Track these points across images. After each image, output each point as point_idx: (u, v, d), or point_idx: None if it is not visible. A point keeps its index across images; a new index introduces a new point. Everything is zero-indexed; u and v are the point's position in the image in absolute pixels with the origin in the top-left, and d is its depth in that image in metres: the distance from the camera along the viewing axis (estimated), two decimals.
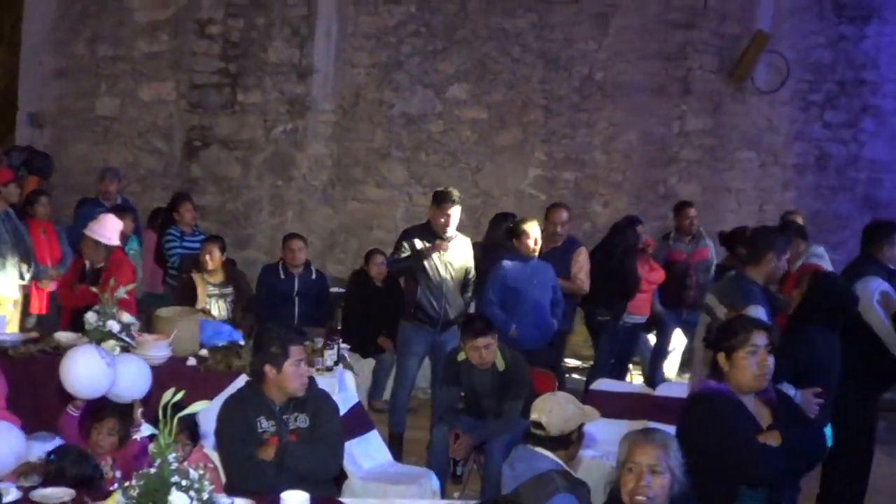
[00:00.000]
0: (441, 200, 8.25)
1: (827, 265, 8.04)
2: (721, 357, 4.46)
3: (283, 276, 9.36)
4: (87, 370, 5.16)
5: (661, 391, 7.72)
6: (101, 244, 7.84)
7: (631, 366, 10.68)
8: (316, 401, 5.37)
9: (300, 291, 9.30)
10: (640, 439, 3.99)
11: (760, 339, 4.43)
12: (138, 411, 5.16)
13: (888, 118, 12.27)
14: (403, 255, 8.23)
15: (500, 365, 7.05)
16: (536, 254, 8.42)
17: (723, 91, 12.02)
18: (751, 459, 4.30)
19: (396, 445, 8.27)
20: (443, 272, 8.26)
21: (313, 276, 9.39)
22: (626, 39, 11.81)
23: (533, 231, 8.40)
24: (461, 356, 7.12)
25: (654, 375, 10.02)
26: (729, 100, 12.03)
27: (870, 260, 7.04)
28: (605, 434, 6.90)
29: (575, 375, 10.78)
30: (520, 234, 8.45)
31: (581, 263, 9.29)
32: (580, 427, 4.94)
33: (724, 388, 4.43)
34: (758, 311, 5.72)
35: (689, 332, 9.46)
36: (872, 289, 6.67)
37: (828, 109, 12.26)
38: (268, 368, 5.21)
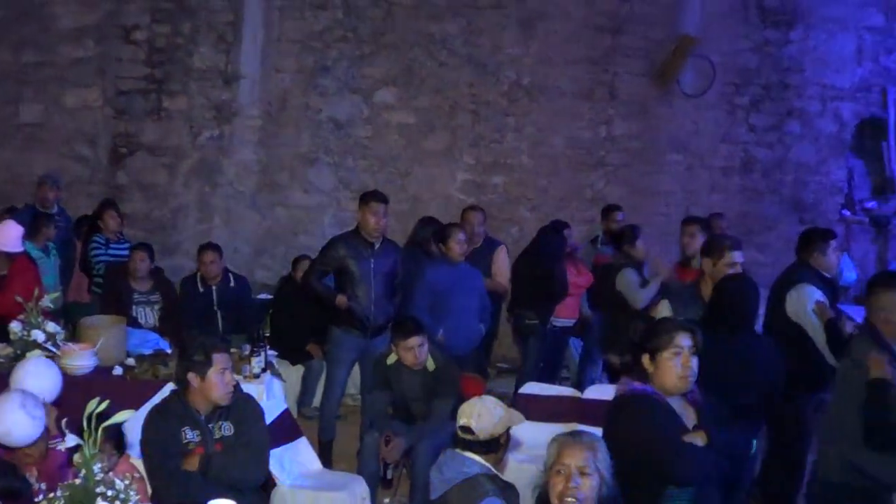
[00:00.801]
0: (369, 200, 8.56)
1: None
2: (645, 359, 4.66)
3: (201, 290, 9.65)
4: (13, 426, 4.99)
5: (590, 394, 8.01)
6: (2, 252, 8.10)
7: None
8: (240, 408, 5.54)
9: (220, 302, 9.60)
10: (568, 441, 4.18)
11: (685, 340, 4.62)
12: (52, 418, 5.19)
13: (813, 121, 13.11)
14: (325, 268, 8.64)
15: (431, 366, 7.37)
16: (463, 258, 8.86)
17: (649, 95, 12.69)
18: (677, 459, 4.51)
19: (326, 452, 8.57)
20: (371, 278, 8.51)
21: (231, 284, 9.70)
22: (553, 44, 12.44)
23: (460, 236, 8.80)
24: (390, 359, 7.45)
25: (582, 379, 10.38)
26: (655, 103, 12.71)
27: (804, 266, 7.46)
28: (534, 437, 7.03)
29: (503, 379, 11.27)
30: (447, 240, 8.80)
31: (501, 262, 9.91)
32: (508, 430, 5.12)
33: (650, 388, 4.62)
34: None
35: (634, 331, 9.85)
36: (807, 296, 7.07)
37: (753, 113, 13.02)
38: (191, 376, 5.38)
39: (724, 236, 8.22)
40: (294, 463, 7.17)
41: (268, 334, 9.74)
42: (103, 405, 4.16)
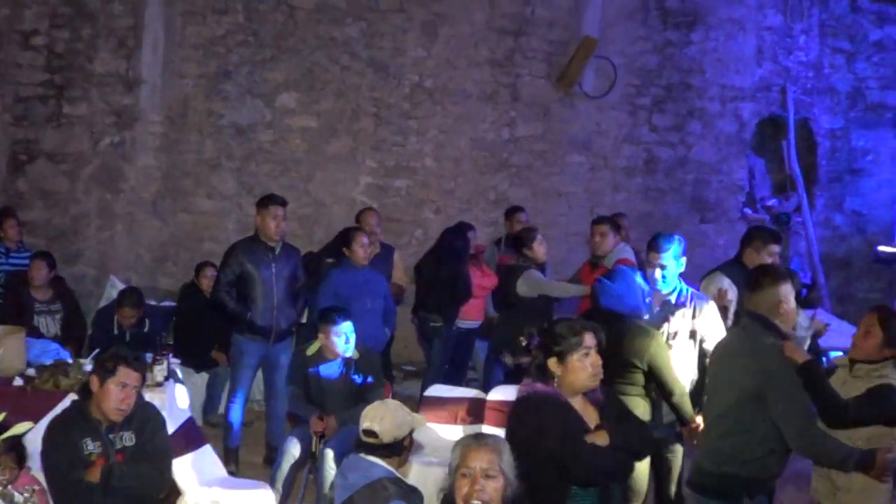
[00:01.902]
0: (267, 203, 8.94)
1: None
2: (552, 362, 4.88)
3: (116, 332, 9.91)
4: None
5: (495, 396, 8.26)
6: None
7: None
8: (142, 417, 5.75)
9: (132, 344, 9.56)
10: (473, 444, 4.38)
11: (591, 339, 4.90)
12: None
13: (714, 121, 14.14)
14: (231, 278, 8.90)
15: (356, 354, 7.88)
16: (367, 262, 9.47)
17: (552, 96, 13.57)
18: (579, 459, 4.74)
19: (232, 459, 8.98)
20: (274, 283, 8.88)
21: (146, 330, 9.95)
22: (455, 47, 13.26)
23: (364, 240, 9.40)
24: (311, 350, 7.91)
25: (488, 380, 10.67)
26: (558, 105, 13.61)
27: (735, 262, 8.13)
28: (439, 439, 7.46)
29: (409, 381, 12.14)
30: (351, 244, 9.33)
31: (398, 263, 10.72)
32: (411, 433, 5.44)
33: (552, 390, 4.88)
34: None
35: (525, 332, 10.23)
36: (714, 286, 7.74)
37: (655, 113, 13.98)
38: (93, 379, 5.62)
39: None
40: (198, 471, 7.37)
41: (171, 342, 10.21)
42: (0, 416, 4.38)
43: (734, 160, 14.28)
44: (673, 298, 7.09)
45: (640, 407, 6.54)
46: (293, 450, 7.73)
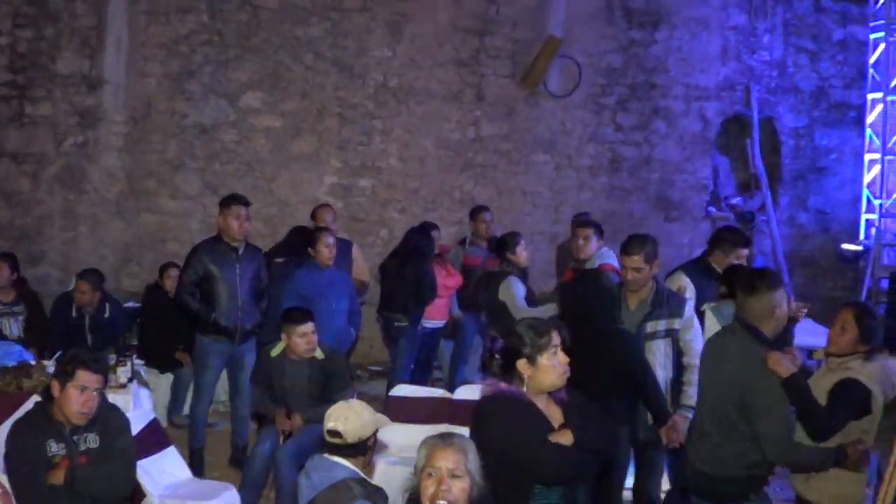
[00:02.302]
0: (230, 203, 8.96)
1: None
2: (522, 364, 4.91)
3: (74, 315, 10.08)
4: None
5: (460, 395, 8.34)
6: None
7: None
8: (106, 419, 5.76)
9: (92, 329, 10.08)
10: (438, 444, 4.40)
11: (557, 337, 4.95)
12: None
13: (678, 120, 14.48)
14: (195, 279, 8.88)
15: (320, 355, 7.89)
16: (331, 263, 9.48)
17: (516, 96, 13.89)
18: (542, 459, 4.79)
19: (197, 461, 8.96)
20: (238, 284, 8.90)
21: (106, 315, 10.15)
22: (419, 46, 13.56)
23: (329, 240, 9.44)
24: (275, 351, 7.94)
25: (453, 380, 10.92)
26: (523, 104, 13.93)
27: (699, 261, 8.35)
28: (405, 439, 7.40)
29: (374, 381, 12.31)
30: (315, 244, 9.36)
31: (359, 260, 10.79)
32: (375, 433, 5.43)
33: (514, 389, 4.91)
34: None
35: (487, 335, 10.83)
36: (675, 285, 7.83)
37: (620, 112, 14.31)
38: (54, 383, 5.65)
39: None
40: (163, 473, 7.40)
41: (135, 343, 10.34)
42: None
43: (698, 159, 14.62)
44: (649, 299, 7.20)
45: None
46: (262, 450, 7.80)
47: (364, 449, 5.36)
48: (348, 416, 5.34)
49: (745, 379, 5.53)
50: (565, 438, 4.86)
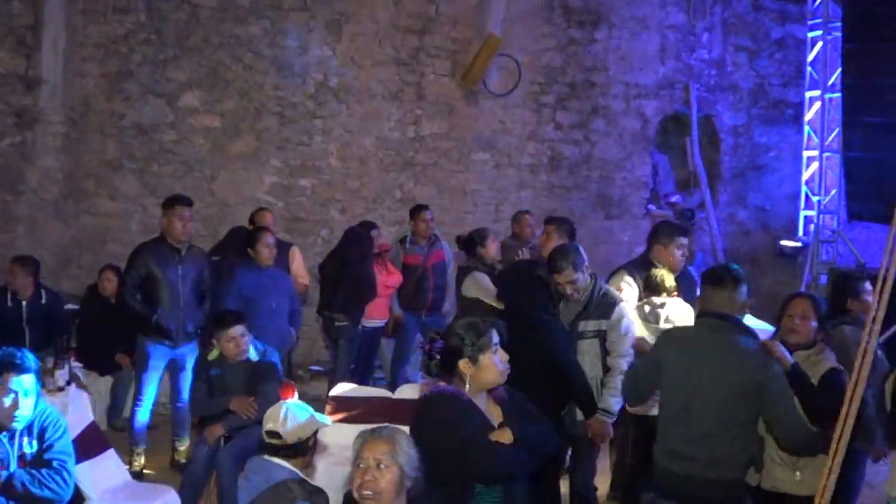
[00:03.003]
0: (173, 204, 9.19)
1: None
2: (464, 363, 5.06)
3: (10, 304, 10.21)
4: None
5: (401, 394, 8.63)
6: None
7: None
8: (43, 422, 5.78)
9: (30, 319, 10.20)
10: (369, 436, 4.55)
11: (496, 336, 5.14)
12: None
13: (618, 118, 14.99)
14: (138, 281, 9.11)
15: (254, 356, 8.10)
16: (271, 263, 9.65)
17: (456, 95, 14.29)
18: (482, 458, 4.91)
19: (137, 463, 9.28)
20: (180, 285, 9.16)
21: (43, 301, 10.31)
22: (359, 45, 13.88)
23: (269, 240, 9.59)
24: (212, 355, 8.13)
25: (395, 379, 11.39)
26: (463, 103, 14.33)
27: (642, 259, 8.68)
28: (346, 439, 7.39)
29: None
30: (255, 244, 9.57)
31: (298, 262, 10.96)
32: (315, 434, 5.63)
33: (455, 389, 5.06)
34: None
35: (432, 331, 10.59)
36: (615, 284, 8.26)
37: (560, 111, 14.76)
38: None
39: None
40: (102, 476, 7.49)
41: (74, 345, 10.39)
42: None
43: (638, 157, 15.16)
44: (583, 299, 7.51)
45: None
46: (202, 452, 7.98)
47: (304, 449, 5.56)
48: (287, 418, 5.53)
49: (753, 370, 5.65)
50: (505, 437, 4.98)
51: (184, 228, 9.15)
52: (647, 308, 8.02)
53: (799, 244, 15.25)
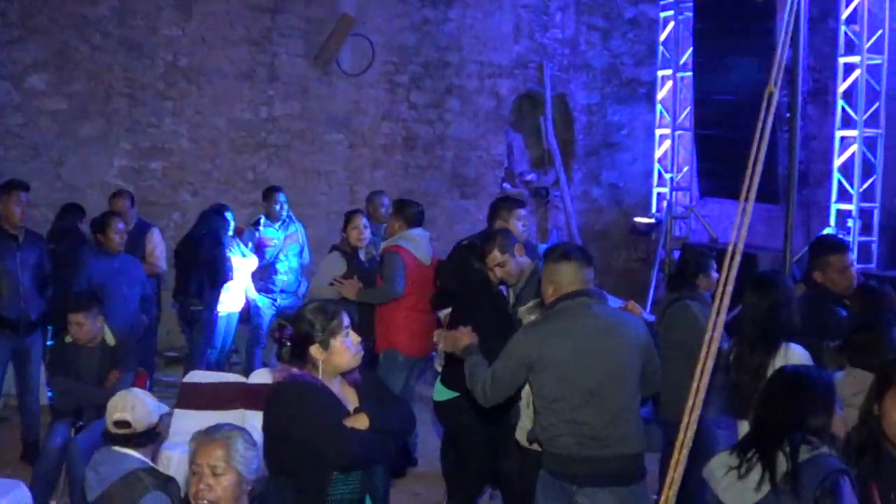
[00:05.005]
0: (9, 190, 9.28)
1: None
2: (315, 349, 5.14)
3: None
4: None
5: (256, 379, 8.65)
6: None
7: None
8: None
9: None
10: (202, 439, 4.60)
11: (347, 318, 5.26)
12: None
13: (472, 98, 16.00)
14: None
15: (111, 340, 8.37)
16: (122, 248, 9.98)
17: (310, 75, 15.17)
18: (338, 445, 4.98)
19: None
20: (20, 273, 9.30)
21: None
22: (210, 25, 14.63)
23: (119, 225, 9.92)
24: (69, 338, 8.35)
25: (250, 363, 11.85)
26: (316, 83, 15.22)
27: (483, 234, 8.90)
28: (199, 427, 7.26)
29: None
30: (105, 229, 9.87)
31: (155, 243, 11.40)
32: (160, 420, 5.87)
33: (307, 375, 5.15)
34: None
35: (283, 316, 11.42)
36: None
37: (414, 90, 15.75)
38: None
39: None
40: None
41: None
42: None
43: (493, 136, 16.35)
44: (519, 286, 7.84)
45: None
46: (53, 444, 8.11)
47: (153, 437, 5.81)
48: (135, 405, 5.70)
49: (644, 330, 6.08)
50: (361, 422, 5.11)
51: (22, 214, 9.27)
52: None
53: (652, 221, 16.40)
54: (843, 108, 12.63)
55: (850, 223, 12.51)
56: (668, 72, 16.05)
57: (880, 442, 4.67)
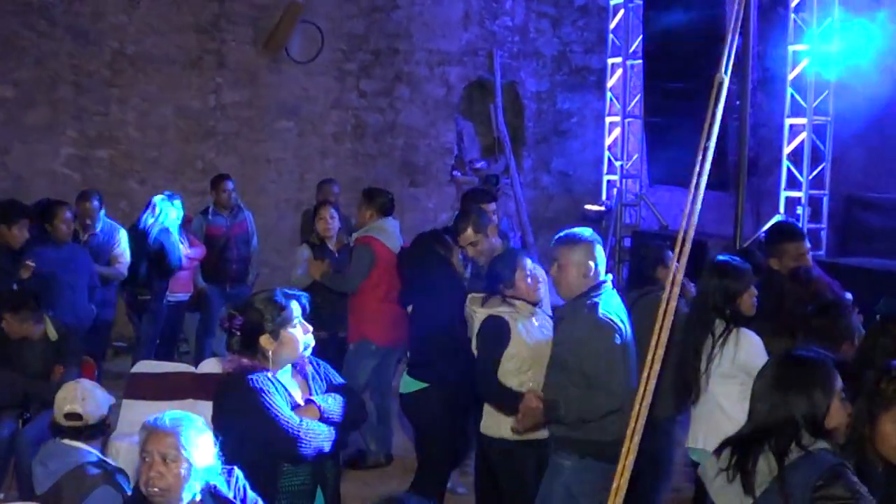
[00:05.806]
0: None
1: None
2: (265, 339, 5.15)
3: None
4: None
5: (205, 368, 8.70)
6: None
7: None
8: None
9: None
10: (151, 427, 4.55)
11: (298, 308, 5.27)
12: None
13: (421, 85, 16.26)
14: None
15: (53, 335, 8.37)
16: (70, 238, 10.04)
17: (258, 62, 15.37)
18: (288, 437, 5.01)
19: None
20: None
21: None
22: (157, 12, 14.77)
23: (66, 215, 9.90)
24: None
25: (199, 352, 11.88)
26: (265, 71, 15.42)
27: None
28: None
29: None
30: (52, 219, 9.86)
31: (123, 248, 10.98)
32: (110, 412, 5.83)
33: (257, 365, 5.17)
34: None
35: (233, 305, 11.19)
36: None
37: (363, 78, 15.95)
38: None
39: None
40: None
41: None
42: None
43: (442, 124, 16.67)
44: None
45: None
46: (0, 437, 8.03)
47: (104, 429, 5.78)
48: (85, 397, 5.66)
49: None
50: (311, 413, 5.16)
51: None
52: None
53: (602, 208, 16.65)
54: (793, 96, 12.88)
55: (799, 211, 12.77)
56: (618, 60, 16.26)
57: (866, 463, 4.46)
